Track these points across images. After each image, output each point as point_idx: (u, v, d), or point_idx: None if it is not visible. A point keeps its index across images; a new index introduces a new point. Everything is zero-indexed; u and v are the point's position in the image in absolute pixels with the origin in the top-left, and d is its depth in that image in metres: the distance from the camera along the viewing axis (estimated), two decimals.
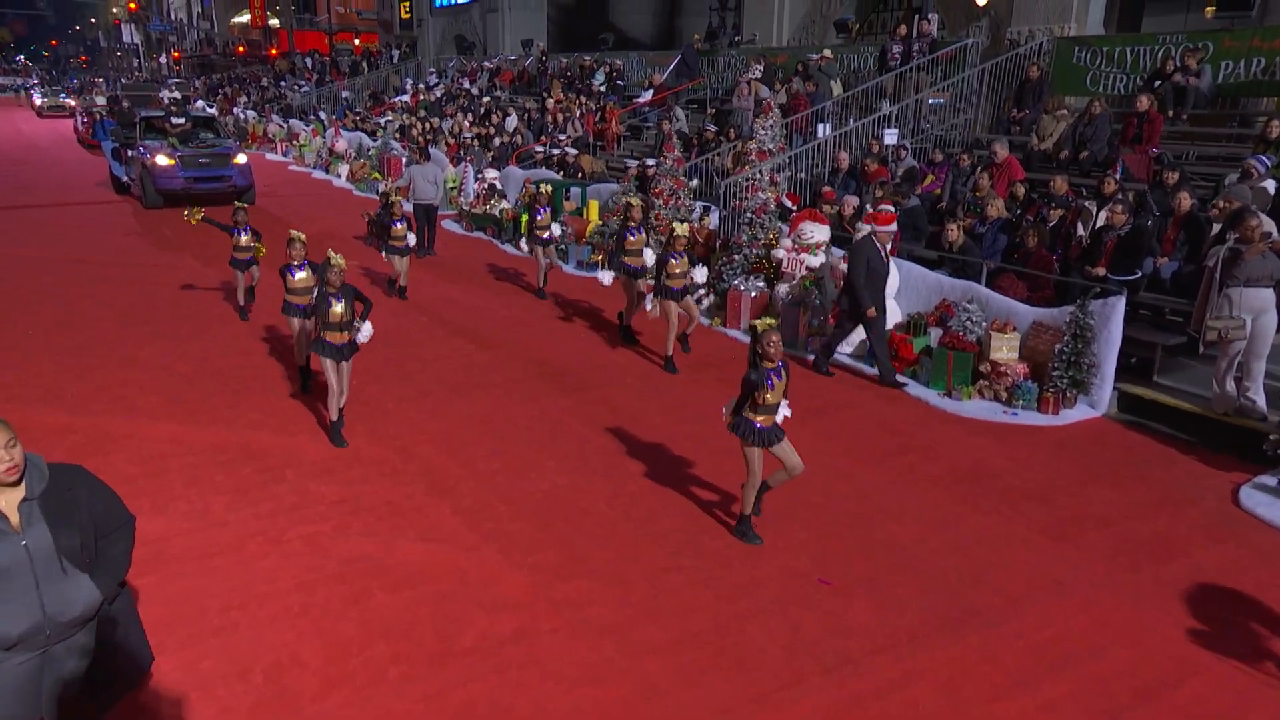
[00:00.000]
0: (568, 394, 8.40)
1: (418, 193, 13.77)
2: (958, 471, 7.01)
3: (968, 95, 14.46)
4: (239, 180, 18.29)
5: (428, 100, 25.66)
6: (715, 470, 6.85)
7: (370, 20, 43.04)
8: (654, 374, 9.02)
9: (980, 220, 10.55)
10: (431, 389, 8.43)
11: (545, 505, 6.31)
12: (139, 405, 7.83)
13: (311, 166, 24.94)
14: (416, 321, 10.71)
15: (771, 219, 11.22)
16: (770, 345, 5.46)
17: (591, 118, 19.37)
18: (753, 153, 13.16)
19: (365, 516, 6.11)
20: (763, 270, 10.89)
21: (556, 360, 9.36)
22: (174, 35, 72.98)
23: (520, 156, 18.39)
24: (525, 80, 25.53)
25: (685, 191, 12.85)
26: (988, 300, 9.06)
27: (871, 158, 12.68)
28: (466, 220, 16.51)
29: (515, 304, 11.63)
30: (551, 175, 16.09)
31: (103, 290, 11.78)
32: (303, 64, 38.58)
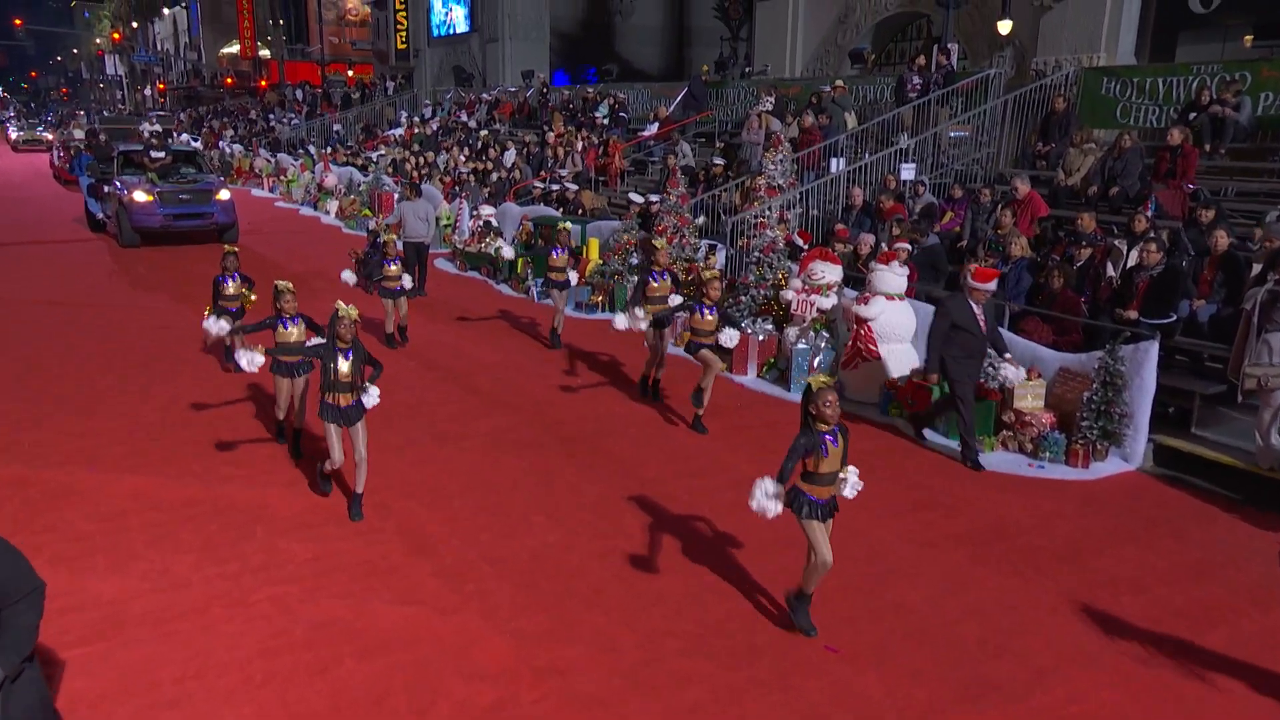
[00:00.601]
0: (562, 444, 8.37)
1: (408, 230, 13.91)
2: (978, 529, 6.93)
3: (990, 128, 14.60)
4: (221, 217, 18.51)
5: (422, 134, 26.02)
6: (719, 527, 6.79)
7: (365, 51, 43.90)
8: (655, 423, 8.99)
9: (1003, 260, 10.57)
10: (416, 438, 8.41)
11: (533, 565, 6.26)
12: (101, 456, 7.83)
13: (299, 203, 25.23)
14: (403, 365, 10.73)
15: (781, 258, 11.27)
16: (826, 406, 5.16)
17: (594, 152, 19.58)
18: (762, 188, 13.28)
19: (338, 577, 6.06)
20: (771, 312, 10.91)
21: (551, 408, 9.35)
22: (159, 66, 74.39)
23: (518, 192, 18.58)
24: (525, 113, 25.91)
25: (690, 229, 12.94)
26: (1011, 345, 9.02)
27: (887, 194, 12.77)
28: (460, 259, 16.62)
29: (509, 347, 11.66)
30: (550, 212, 16.24)
31: (70, 332, 11.86)
32: (293, 96, 39.23)
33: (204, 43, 65.73)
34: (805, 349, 10.03)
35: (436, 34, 37.07)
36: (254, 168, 29.52)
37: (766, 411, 9.40)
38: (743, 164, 16.23)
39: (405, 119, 28.55)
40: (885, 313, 9.63)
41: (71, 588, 5.77)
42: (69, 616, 5.48)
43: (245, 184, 29.62)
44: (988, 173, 14.39)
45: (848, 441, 5.35)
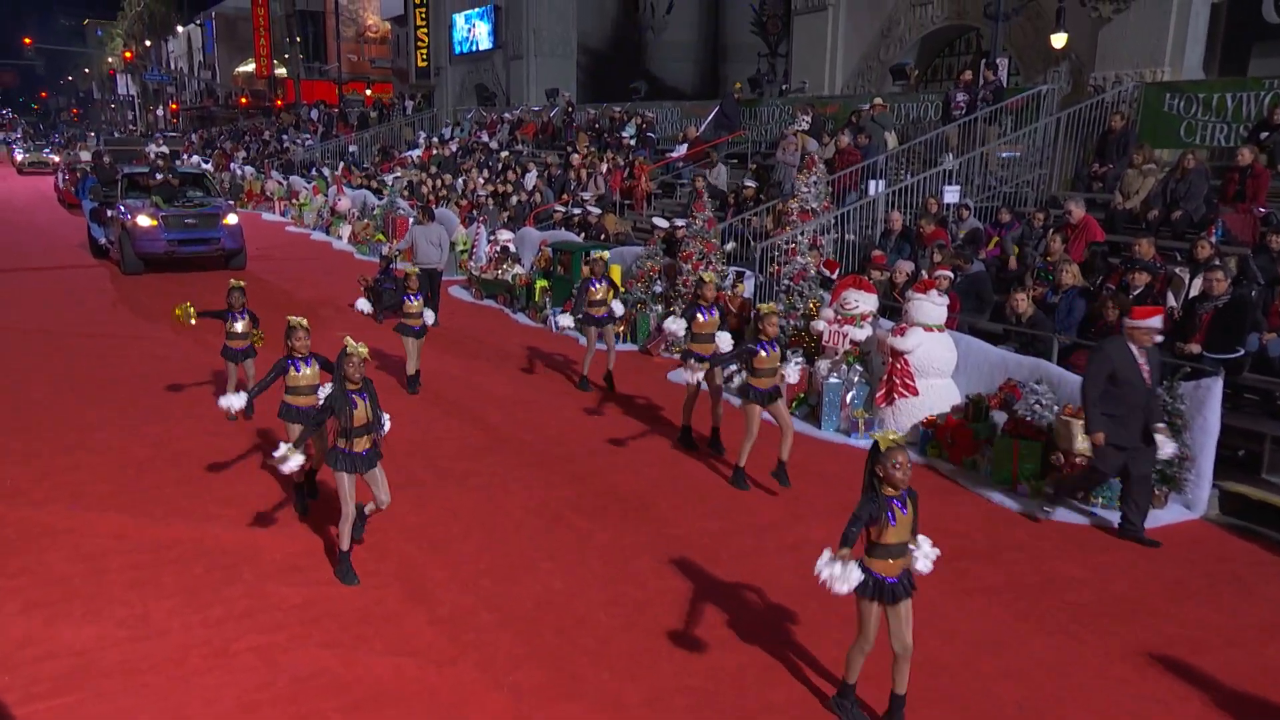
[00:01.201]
0: (572, 483, 8.35)
1: (420, 256, 14.03)
2: (1021, 582, 6.78)
3: (1042, 148, 14.51)
4: (228, 243, 18.81)
5: (441, 155, 26.36)
6: (737, 574, 6.71)
7: (384, 69, 44.73)
8: (674, 462, 8.94)
9: (1053, 289, 10.46)
10: (417, 476, 8.42)
11: (536, 613, 6.21)
12: (85, 494, 7.90)
13: (311, 227, 25.61)
14: (407, 398, 10.77)
15: (812, 286, 11.23)
16: (896, 468, 4.81)
17: (619, 174, 19.71)
18: (794, 212, 13.29)
19: (328, 624, 6.04)
20: (801, 344, 10.86)
21: (563, 444, 9.35)
22: (172, 86, 76.22)
23: (538, 216, 18.73)
24: (549, 133, 26.20)
25: (717, 255, 12.95)
26: (1060, 380, 8.90)
27: (928, 218, 12.70)
28: (476, 287, 16.75)
29: (523, 381, 11.69)
30: (570, 237, 16.33)
31: (61, 362, 12.05)
32: (308, 116, 39.98)
33: (219, 61, 67.31)
34: (838, 383, 9.96)
35: (458, 51, 37.68)
36: (265, 191, 30.04)
37: (797, 452, 9.27)
38: (776, 187, 16.27)
39: (424, 140, 28.97)
40: (923, 345, 9.54)
41: (44, 635, 5.80)
42: (40, 666, 5.50)
43: (256, 207, 30.14)
44: (1040, 195, 14.28)
45: (918, 507, 4.99)
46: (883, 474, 4.87)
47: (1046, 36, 17.11)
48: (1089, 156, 13.98)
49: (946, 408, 9.50)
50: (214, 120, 62.33)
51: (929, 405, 9.53)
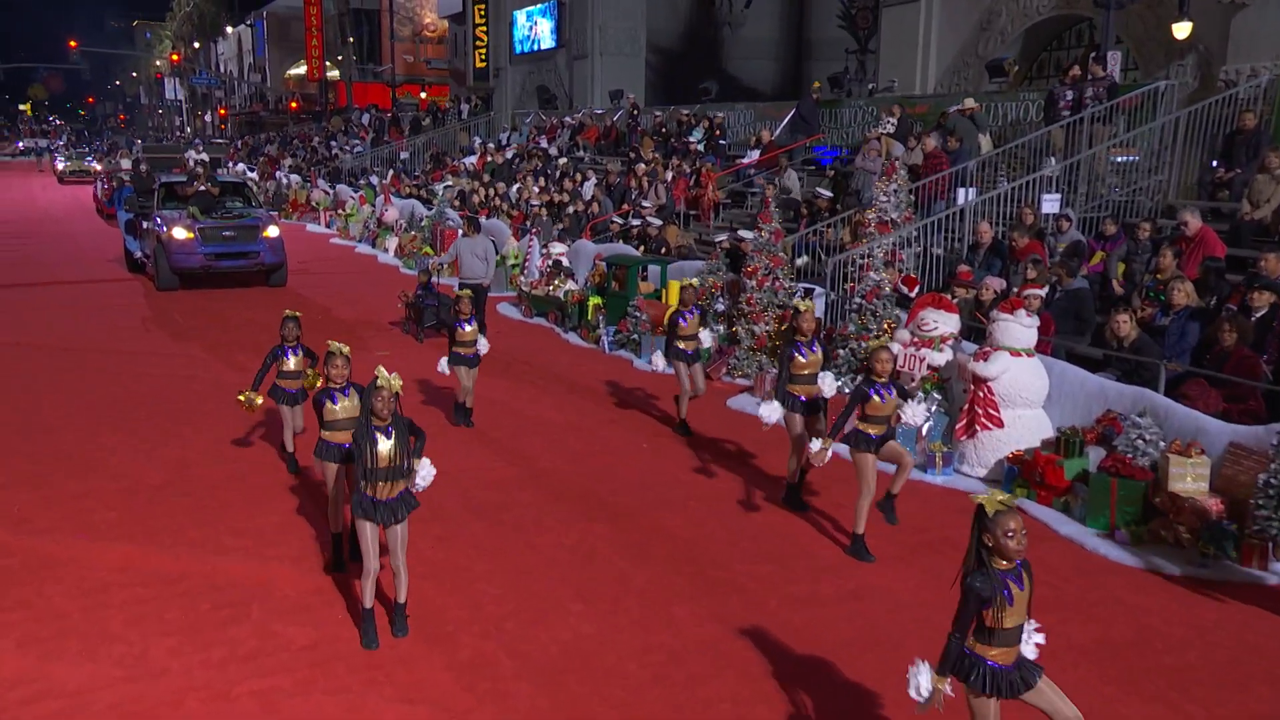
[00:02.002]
0: (611, 519, 8.34)
1: (465, 270, 14.22)
2: (1115, 641, 6.56)
3: (1159, 151, 14.14)
4: (268, 257, 19.19)
5: (495, 162, 26.73)
6: (786, 623, 6.61)
7: (441, 70, 45.62)
8: (727, 497, 8.88)
9: (1162, 309, 10.18)
10: (445, 508, 8.48)
11: (561, 660, 6.18)
12: (94, 522, 8.11)
13: (357, 239, 26.14)
14: (442, 424, 10.89)
15: (887, 305, 11.09)
16: (1009, 536, 4.37)
17: (684, 182, 19.75)
18: (871, 224, 13.18)
19: (336, 668, 6.08)
20: None
21: (608, 476, 9.36)
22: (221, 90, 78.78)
23: (595, 228, 18.84)
24: (612, 138, 26.40)
25: (784, 271, 12.87)
26: (1167, 413, 8.65)
27: (1022, 229, 12.46)
28: (526, 303, 16.89)
29: (570, 406, 11.74)
30: (628, 251, 16.39)
31: (81, 381, 12.44)
32: (358, 121, 40.91)
33: (269, 64, 69.45)
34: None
35: (519, 51, 38.26)
36: (311, 200, 30.78)
37: None
38: (854, 196, 16.14)
39: (478, 145, 29.40)
40: (1009, 371, 9.35)
41: (38, 674, 5.93)
42: (29, 708, 5.62)
43: (301, 218, 30.90)
44: (1156, 204, 13.92)
45: (1034, 582, 4.56)
46: (992, 544, 4.43)
47: (1168, 26, 16.71)
48: (1212, 160, 13.58)
49: (1035, 441, 9.28)
50: (263, 126, 64.25)
51: (1015, 438, 9.32)
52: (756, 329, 12.58)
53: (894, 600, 7.02)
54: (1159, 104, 14.68)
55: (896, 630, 6.54)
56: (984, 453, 9.49)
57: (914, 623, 6.63)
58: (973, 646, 4.50)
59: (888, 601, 7.01)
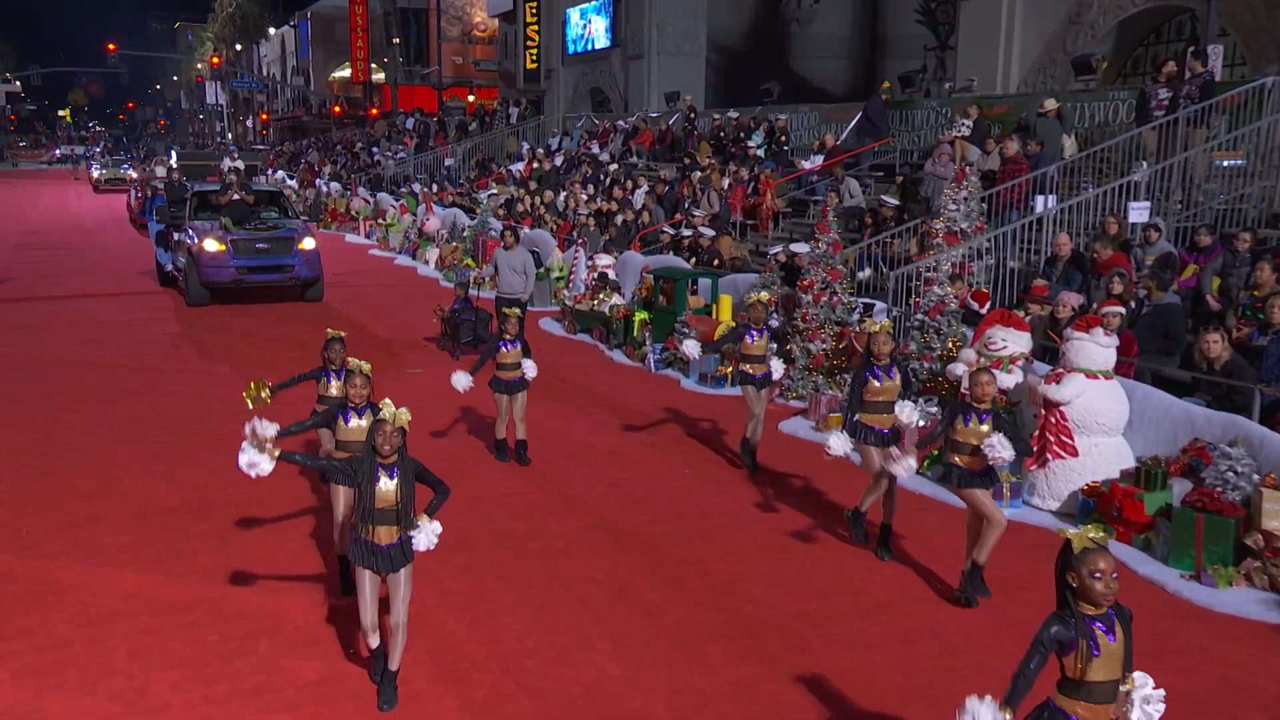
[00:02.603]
0: (648, 550, 8.35)
1: (503, 284, 14.37)
2: (1197, 693, 6.42)
3: (1268, 153, 13.84)
4: (303, 270, 19.41)
5: (543, 169, 26.96)
6: (829, 666, 6.55)
7: (490, 72, 46.14)
8: (773, 529, 8.85)
9: (1259, 328, 9.97)
10: (470, 536, 8.55)
11: (583, 701, 6.18)
12: (104, 546, 8.28)
13: (397, 250, 26.50)
14: (470, 445, 10.97)
15: (952, 321, 10.98)
16: (1096, 578, 4.15)
17: (741, 189, 19.75)
18: (939, 234, 13.08)
19: (344, 706, 6.14)
20: (937, 391, 10.61)
21: (646, 504, 9.37)
22: (263, 94, 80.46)
23: (645, 239, 18.91)
24: (667, 143, 26.51)
25: (843, 285, 12.81)
26: (1262, 443, 8.47)
27: (1105, 240, 12.26)
28: (569, 319, 16.99)
29: (609, 428, 11.79)
30: (677, 263, 16.43)
31: (102, 398, 12.75)
32: (403, 125, 41.52)
33: (313, 66, 70.74)
34: None
35: (572, 51, 38.60)
36: (350, 209, 31.27)
37: (925, 519, 9.08)
38: (923, 203, 16.03)
39: (526, 151, 29.68)
40: (1084, 395, 9.21)
41: (31, 707, 6.06)
42: None
43: (340, 228, 31.40)
44: (1260, 212, 13.62)
45: (1131, 632, 4.28)
46: (1077, 585, 4.20)
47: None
48: None
49: (1114, 472, 9.13)
50: (305, 131, 65.51)
51: (1091, 469, 9.18)
52: (812, 347, 12.53)
53: (949, 645, 6.93)
54: (1265, 102, 14.37)
55: (949, 678, 6.43)
56: (1056, 484, 9.35)
57: (970, 670, 6.53)
58: (1056, 699, 4.28)
59: (942, 646, 6.91)
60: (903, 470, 7.51)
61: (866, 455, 8.36)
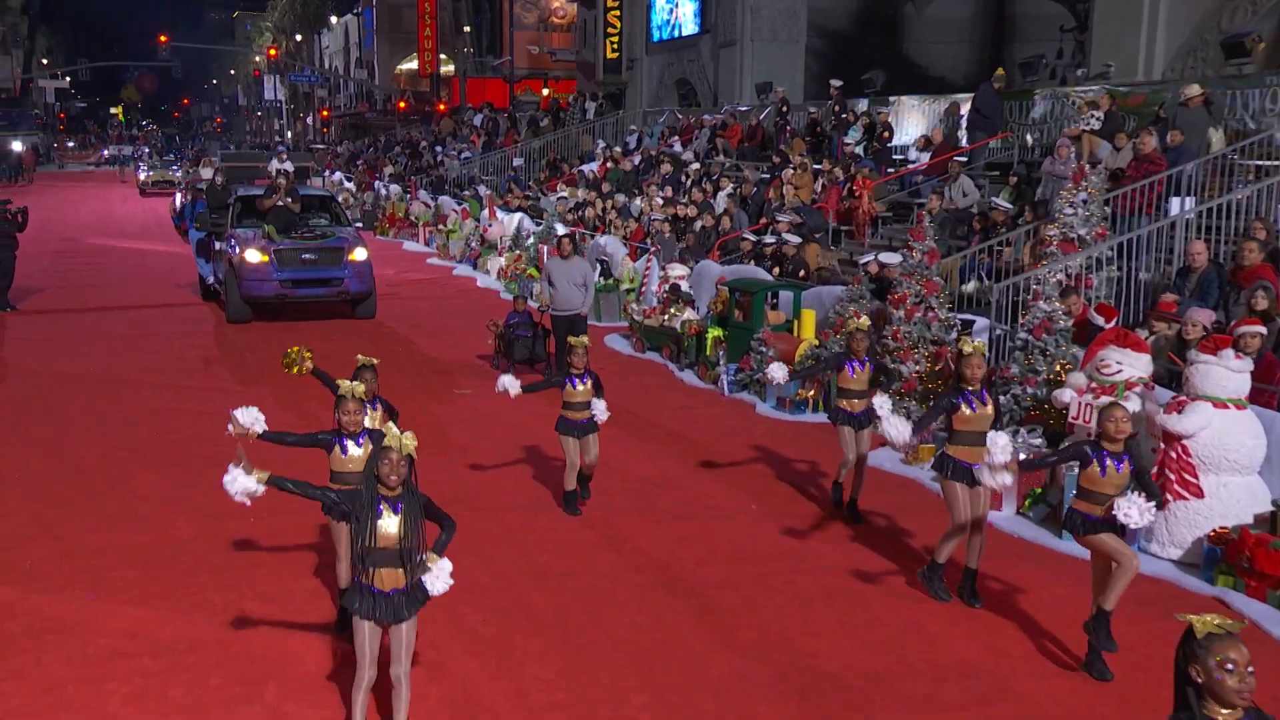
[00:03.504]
0: (695, 594, 8.37)
1: (558, 298, 14.34)
2: None
3: None
4: (353, 284, 19.47)
5: (619, 169, 27.15)
6: None
7: (567, 62, 46.60)
8: (840, 572, 8.81)
9: None
10: (505, 574, 8.65)
11: None
12: (110, 580, 8.54)
13: (457, 259, 26.89)
14: (512, 474, 11.05)
15: (1059, 341, 10.81)
16: (1227, 670, 3.86)
17: (836, 191, 19.68)
18: (1053, 241, 12.90)
19: None
20: (1042, 420, 10.44)
21: (698, 543, 9.39)
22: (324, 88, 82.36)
23: (725, 246, 18.92)
24: (758, 139, 26.51)
25: (940, 299, 12.68)
26: None
27: (1256, 246, 11.93)
28: (638, 335, 17.08)
29: (670, 456, 11.87)
30: (756, 273, 16.40)
31: (126, 421, 13.17)
32: (470, 121, 42.15)
33: (378, 58, 72.23)
34: None
35: (657, 38, 38.84)
36: (410, 214, 31.81)
37: (1023, 567, 8.93)
38: (1041, 206, 15.80)
39: (601, 150, 29.91)
40: (1211, 427, 9.00)
41: None
42: None
43: (398, 234, 31.95)
44: None
45: None
46: (1203, 680, 3.90)
47: None
48: None
49: (1246, 517, 8.89)
50: (368, 128, 66.86)
51: (1219, 512, 8.97)
52: (904, 369, 12.42)
53: (1039, 712, 6.81)
54: None
55: None
56: (1178, 529, 9.15)
57: None
58: None
59: (1030, 713, 6.80)
60: (999, 484, 7.35)
61: (949, 492, 8.24)
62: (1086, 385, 10.01)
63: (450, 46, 60.80)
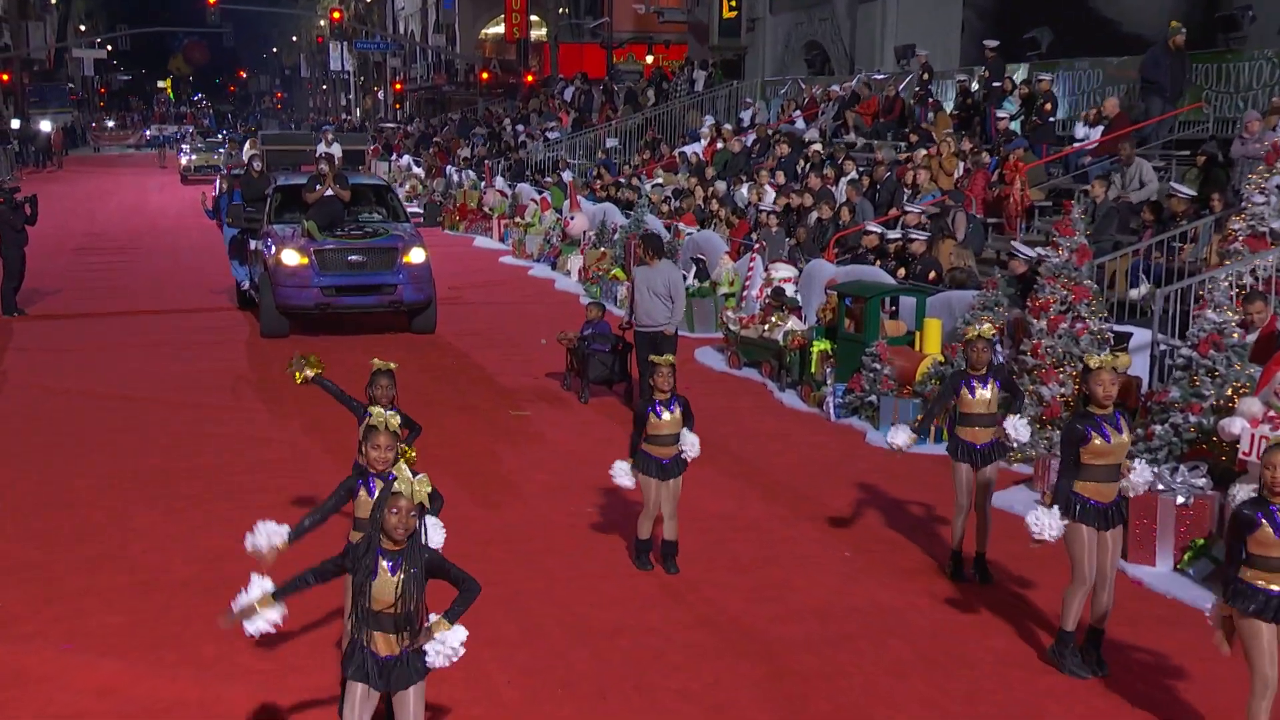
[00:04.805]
0: (767, 657, 8.39)
1: (639, 311, 14.06)
2: None
3: None
4: (409, 292, 19.39)
5: (729, 150, 27.21)
6: None
7: (676, 24, 46.73)
8: (944, 636, 8.76)
9: None
10: (539, 629, 8.77)
11: None
12: (88, 628, 8.80)
13: (535, 257, 27.19)
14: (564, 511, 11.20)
15: (1231, 360, 10.60)
16: None
17: (982, 175, 19.49)
18: (1237, 236, 12.69)
19: None
20: (1206, 455, 10.23)
21: (775, 597, 9.43)
22: (398, 57, 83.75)
23: (843, 242, 18.84)
24: (895, 114, 26.36)
25: (1093, 306, 12.51)
26: None
27: None
28: (733, 349, 17.10)
29: (751, 496, 11.90)
30: (874, 275, 16.31)
31: (133, 444, 13.61)
32: (560, 96, 42.59)
33: (459, 21, 73.08)
34: None
35: None
36: (483, 204, 32.23)
37: (1178, 636, 8.77)
38: (1233, 194, 15.54)
39: (709, 127, 30.00)
40: None
41: None
42: None
43: (469, 229, 32.37)
44: None
45: None
46: None
47: None
48: None
49: None
50: (447, 104, 67.86)
51: None
52: (1046, 391, 12.28)
53: None
54: None
55: None
56: None
57: None
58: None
59: None
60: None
61: (1074, 536, 8.08)
62: (1264, 413, 9.80)
63: (542, 7, 61.41)
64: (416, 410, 9.80)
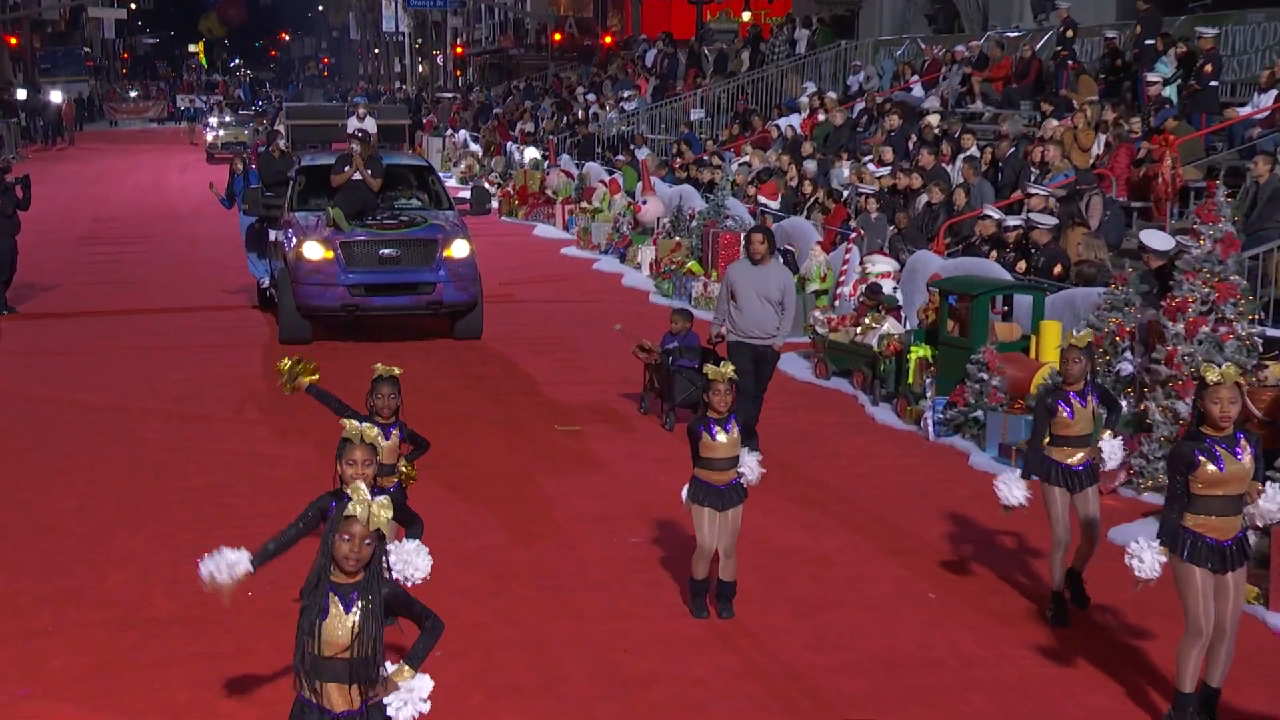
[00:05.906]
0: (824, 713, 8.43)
1: (742, 321, 13.46)
2: None
3: None
4: (450, 291, 19.36)
5: (831, 123, 27.17)
6: None
7: None
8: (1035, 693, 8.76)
9: None
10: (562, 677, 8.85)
11: None
12: (53, 670, 9.01)
13: (602, 248, 27.31)
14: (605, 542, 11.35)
15: None
16: None
17: (1128, 151, 19.34)
18: None
19: None
20: None
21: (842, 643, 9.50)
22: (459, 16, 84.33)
23: (955, 230, 18.74)
24: (1030, 79, 26.21)
25: (1242, 307, 12.38)
26: None
27: None
28: (821, 356, 17.12)
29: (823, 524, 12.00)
30: (988, 270, 16.20)
31: (123, 461, 13.91)
32: (640, 60, 42.72)
33: None
34: None
35: None
36: (546, 187, 32.38)
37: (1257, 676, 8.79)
38: None
39: (810, 97, 29.98)
40: None
41: None
42: None
43: (529, 215, 32.52)
44: None
45: None
46: None
47: None
48: None
49: None
50: (515, 70, 68.22)
51: None
52: (1182, 406, 12.16)
53: None
54: None
55: None
56: None
57: None
58: None
59: None
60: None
61: (1186, 579, 8.05)
62: None
63: None
64: (447, 425, 9.95)
